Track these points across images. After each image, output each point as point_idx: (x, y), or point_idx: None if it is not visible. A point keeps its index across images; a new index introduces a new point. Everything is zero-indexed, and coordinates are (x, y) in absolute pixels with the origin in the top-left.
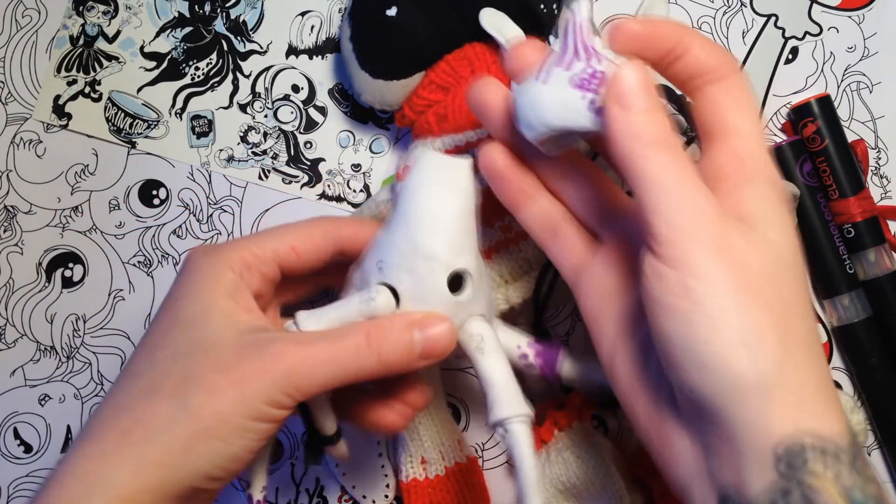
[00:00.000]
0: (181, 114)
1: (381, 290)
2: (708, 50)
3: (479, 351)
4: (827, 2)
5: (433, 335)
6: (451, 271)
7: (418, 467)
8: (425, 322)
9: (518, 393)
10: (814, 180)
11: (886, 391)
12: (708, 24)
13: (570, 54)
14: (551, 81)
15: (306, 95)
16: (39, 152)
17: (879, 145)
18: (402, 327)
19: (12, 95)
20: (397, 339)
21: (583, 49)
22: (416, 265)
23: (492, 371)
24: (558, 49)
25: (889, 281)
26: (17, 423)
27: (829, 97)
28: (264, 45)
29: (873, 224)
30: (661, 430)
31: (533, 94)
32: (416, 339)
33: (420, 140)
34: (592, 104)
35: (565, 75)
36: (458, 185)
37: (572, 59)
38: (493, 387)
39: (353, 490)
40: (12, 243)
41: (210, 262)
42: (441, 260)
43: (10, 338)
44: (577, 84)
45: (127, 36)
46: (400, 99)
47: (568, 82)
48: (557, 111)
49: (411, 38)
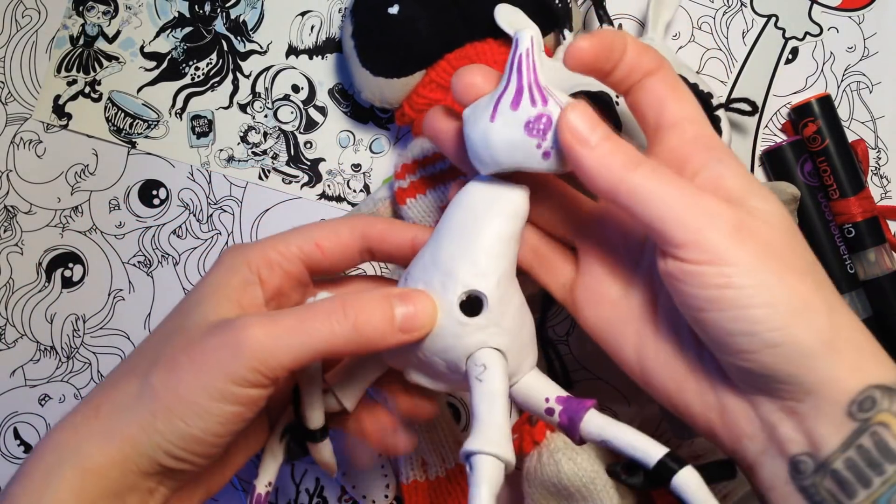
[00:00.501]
0: (181, 114)
1: None
2: (639, 47)
3: (477, 380)
4: (827, 2)
5: (414, 309)
6: (465, 290)
7: (419, 469)
8: (405, 295)
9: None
10: (814, 180)
11: None
12: (708, 23)
13: (522, 95)
14: (501, 121)
15: (306, 95)
16: (39, 152)
17: (879, 145)
18: (380, 297)
19: (12, 95)
20: (375, 307)
21: (532, 89)
22: (432, 278)
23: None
24: (507, 82)
25: (889, 281)
26: (17, 423)
27: (829, 97)
28: (264, 45)
29: (874, 224)
30: (723, 413)
31: (483, 132)
32: (395, 310)
33: (419, 138)
34: (540, 147)
35: (515, 116)
36: (500, 206)
37: (521, 99)
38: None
39: (353, 490)
40: (12, 243)
41: (231, 257)
42: (456, 277)
43: (10, 338)
44: (527, 128)
45: (127, 36)
46: (400, 97)
47: (518, 125)
48: (509, 152)
49: (412, 36)
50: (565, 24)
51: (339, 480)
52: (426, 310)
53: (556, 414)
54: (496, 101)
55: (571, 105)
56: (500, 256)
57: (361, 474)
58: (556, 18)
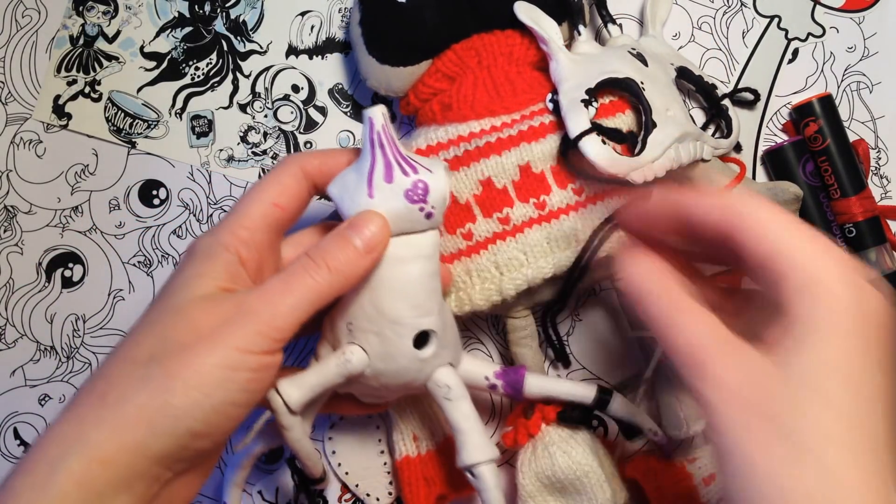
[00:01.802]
0: (181, 114)
1: (354, 351)
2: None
3: (446, 400)
4: (830, 3)
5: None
6: (416, 332)
7: (410, 444)
8: (356, 222)
9: (483, 436)
10: (815, 180)
11: None
12: (708, 24)
13: (392, 168)
14: (380, 196)
15: (306, 95)
16: (39, 152)
17: (879, 145)
18: (336, 237)
19: (12, 95)
20: (337, 246)
21: (399, 161)
22: (382, 329)
23: (458, 417)
24: (372, 158)
25: (890, 281)
26: (17, 423)
27: (830, 97)
28: (264, 45)
29: (874, 224)
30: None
31: (365, 208)
32: (354, 241)
33: (423, 128)
34: (423, 210)
35: (392, 189)
36: (418, 251)
37: (393, 172)
38: (460, 433)
39: (357, 489)
40: (12, 243)
41: (206, 246)
42: (406, 323)
43: (10, 338)
44: (408, 196)
45: (127, 36)
46: (405, 86)
47: (398, 196)
48: (396, 222)
49: (420, 25)
50: (580, 19)
51: (343, 479)
52: (377, 226)
53: (500, 387)
54: (368, 178)
55: (444, 173)
56: (432, 292)
57: (365, 473)
58: (571, 13)
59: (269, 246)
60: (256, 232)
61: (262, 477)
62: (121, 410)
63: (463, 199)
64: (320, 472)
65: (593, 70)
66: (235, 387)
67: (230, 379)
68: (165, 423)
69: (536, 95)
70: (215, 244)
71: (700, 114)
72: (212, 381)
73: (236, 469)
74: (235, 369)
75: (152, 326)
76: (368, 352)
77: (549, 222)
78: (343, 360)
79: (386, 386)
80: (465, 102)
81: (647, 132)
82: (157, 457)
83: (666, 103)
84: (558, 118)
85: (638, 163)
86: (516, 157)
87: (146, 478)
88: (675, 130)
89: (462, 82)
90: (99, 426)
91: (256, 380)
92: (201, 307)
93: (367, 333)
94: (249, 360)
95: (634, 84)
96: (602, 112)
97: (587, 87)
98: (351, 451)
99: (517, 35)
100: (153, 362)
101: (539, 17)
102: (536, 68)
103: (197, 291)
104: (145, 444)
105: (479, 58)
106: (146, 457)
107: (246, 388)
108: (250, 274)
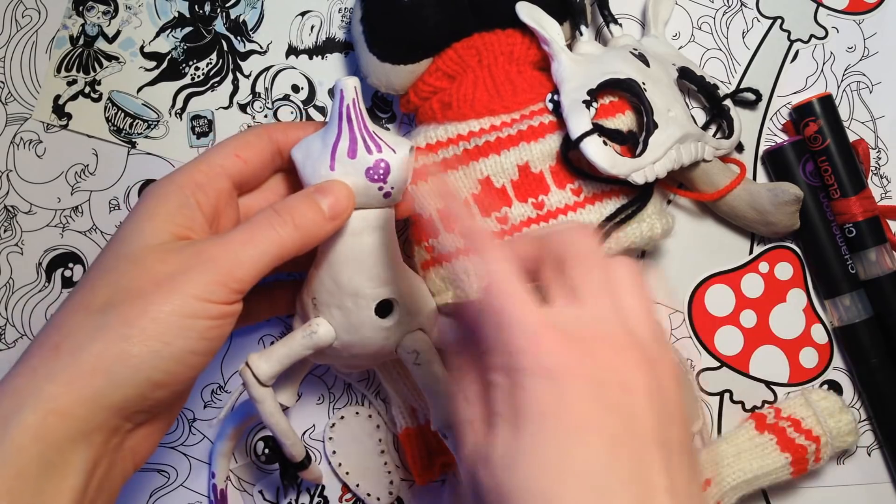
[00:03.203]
0: (181, 114)
1: (320, 323)
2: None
3: (415, 365)
4: (833, 5)
5: (335, 198)
6: (376, 302)
7: (409, 417)
8: (324, 188)
9: None
10: (815, 180)
11: (886, 391)
12: (708, 23)
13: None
14: (341, 170)
15: (306, 95)
16: (39, 152)
17: (879, 145)
18: (304, 197)
19: (12, 95)
20: (305, 206)
21: (365, 138)
22: (343, 302)
23: (428, 381)
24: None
25: (890, 281)
26: None
27: (830, 97)
28: (264, 45)
29: (874, 223)
30: None
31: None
32: (321, 203)
33: (423, 126)
34: (382, 189)
35: (354, 165)
36: (374, 224)
37: (357, 148)
38: (431, 396)
39: (357, 488)
40: (12, 243)
41: (159, 187)
42: (365, 294)
43: (10, 338)
44: (368, 174)
45: (127, 36)
46: (406, 84)
47: (359, 172)
48: (355, 197)
49: (421, 23)
50: (582, 20)
51: (343, 480)
52: (344, 196)
53: None
54: (332, 150)
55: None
56: (389, 262)
57: (366, 473)
58: (573, 13)
59: (227, 195)
60: (214, 178)
61: (263, 477)
62: (76, 361)
63: (461, 197)
64: (301, 453)
65: (595, 71)
66: (195, 335)
67: (189, 327)
68: (124, 373)
69: (536, 95)
70: (169, 184)
71: (701, 113)
72: (170, 329)
73: (223, 439)
74: (194, 317)
75: (107, 274)
76: (334, 325)
77: (547, 222)
78: (308, 331)
79: (356, 356)
80: (465, 101)
81: (648, 133)
82: (116, 408)
83: (667, 104)
84: (558, 118)
85: (639, 164)
86: (515, 157)
87: (105, 429)
88: (676, 131)
89: (462, 81)
90: (53, 378)
91: (216, 327)
92: (158, 255)
93: (330, 307)
94: (209, 309)
95: (636, 85)
96: (603, 112)
97: (589, 87)
98: (351, 450)
99: (518, 34)
100: (109, 310)
101: (541, 18)
102: (537, 68)
103: (152, 238)
104: (103, 394)
105: (479, 57)
106: (104, 408)
107: (205, 335)
108: (207, 220)
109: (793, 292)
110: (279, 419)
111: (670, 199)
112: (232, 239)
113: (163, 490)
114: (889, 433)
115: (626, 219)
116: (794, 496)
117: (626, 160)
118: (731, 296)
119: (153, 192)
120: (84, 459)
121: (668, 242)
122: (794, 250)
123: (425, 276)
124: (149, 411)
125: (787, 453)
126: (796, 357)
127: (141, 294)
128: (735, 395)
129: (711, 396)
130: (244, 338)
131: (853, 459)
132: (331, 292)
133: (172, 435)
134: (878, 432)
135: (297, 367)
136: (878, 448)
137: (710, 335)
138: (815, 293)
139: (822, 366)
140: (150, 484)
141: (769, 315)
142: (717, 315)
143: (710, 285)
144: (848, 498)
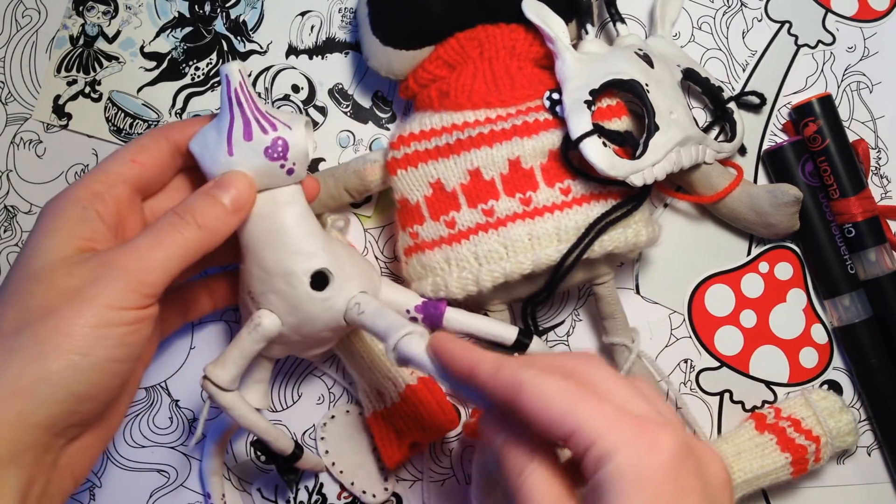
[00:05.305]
0: (181, 114)
1: (263, 315)
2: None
3: (360, 315)
4: (842, 11)
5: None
6: (308, 276)
7: (376, 400)
8: (223, 182)
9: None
10: (815, 180)
11: (886, 391)
12: (708, 24)
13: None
14: (240, 154)
15: (306, 95)
16: (39, 152)
17: (879, 145)
18: (204, 195)
19: (12, 95)
20: (206, 204)
21: (258, 119)
22: (276, 285)
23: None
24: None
25: (890, 281)
26: None
27: (830, 97)
28: (264, 45)
29: (874, 224)
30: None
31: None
32: (222, 199)
33: (419, 113)
34: (284, 167)
35: (251, 147)
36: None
37: (252, 129)
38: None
39: (352, 486)
40: (12, 243)
41: (56, 202)
42: (294, 271)
43: None
44: (267, 154)
45: (127, 36)
46: (406, 69)
47: (257, 154)
48: (259, 179)
49: (426, 10)
50: (587, 18)
51: (337, 478)
52: (244, 185)
53: (420, 321)
54: (227, 136)
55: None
56: (308, 233)
57: (359, 471)
58: (579, 11)
59: (127, 201)
60: (112, 186)
61: (261, 476)
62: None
63: (450, 186)
64: (289, 445)
65: (598, 71)
66: (112, 343)
67: (105, 336)
68: (46, 390)
69: (534, 92)
70: (65, 198)
71: (702, 114)
72: (86, 341)
73: (209, 458)
74: (109, 326)
75: (14, 296)
76: (276, 312)
77: (532, 219)
78: (253, 325)
79: (308, 336)
80: (462, 91)
81: (649, 135)
82: (44, 426)
83: (670, 106)
84: (554, 116)
85: (638, 166)
86: (507, 151)
87: (35, 448)
88: (677, 134)
89: (462, 71)
90: None
91: (133, 332)
92: (63, 270)
93: (267, 295)
94: (123, 316)
95: (639, 86)
96: (600, 116)
97: (592, 87)
98: (343, 449)
99: (522, 30)
100: (21, 332)
101: (547, 16)
102: (538, 65)
103: (56, 253)
104: (28, 414)
105: (481, 49)
106: (31, 427)
107: (124, 342)
108: (110, 229)
109: (793, 292)
110: (255, 419)
111: (667, 203)
112: (138, 245)
113: (163, 490)
114: (889, 433)
115: (614, 222)
116: (794, 496)
117: (625, 162)
118: (731, 296)
119: (50, 209)
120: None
121: (668, 243)
122: (793, 250)
123: (407, 261)
124: (80, 425)
125: (787, 453)
126: (796, 357)
127: (51, 311)
128: (735, 395)
129: (711, 396)
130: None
131: (853, 459)
132: (262, 280)
133: (172, 435)
134: (878, 432)
135: (257, 366)
136: (878, 448)
137: (710, 335)
138: (814, 293)
139: (822, 366)
140: (150, 484)
141: (769, 315)
142: (717, 315)
143: (710, 285)
144: (848, 498)
